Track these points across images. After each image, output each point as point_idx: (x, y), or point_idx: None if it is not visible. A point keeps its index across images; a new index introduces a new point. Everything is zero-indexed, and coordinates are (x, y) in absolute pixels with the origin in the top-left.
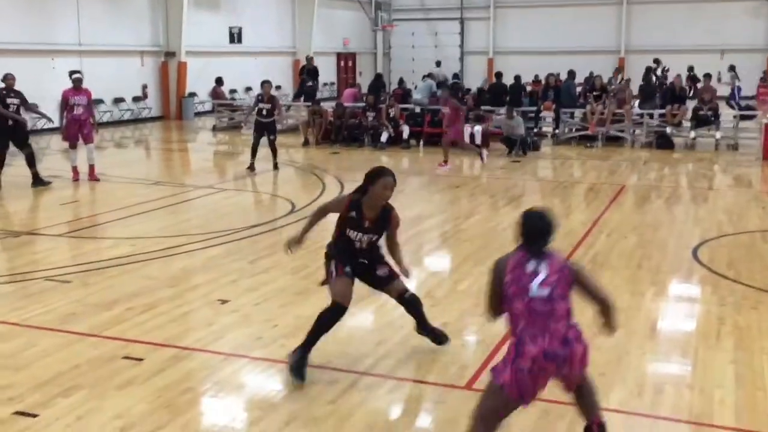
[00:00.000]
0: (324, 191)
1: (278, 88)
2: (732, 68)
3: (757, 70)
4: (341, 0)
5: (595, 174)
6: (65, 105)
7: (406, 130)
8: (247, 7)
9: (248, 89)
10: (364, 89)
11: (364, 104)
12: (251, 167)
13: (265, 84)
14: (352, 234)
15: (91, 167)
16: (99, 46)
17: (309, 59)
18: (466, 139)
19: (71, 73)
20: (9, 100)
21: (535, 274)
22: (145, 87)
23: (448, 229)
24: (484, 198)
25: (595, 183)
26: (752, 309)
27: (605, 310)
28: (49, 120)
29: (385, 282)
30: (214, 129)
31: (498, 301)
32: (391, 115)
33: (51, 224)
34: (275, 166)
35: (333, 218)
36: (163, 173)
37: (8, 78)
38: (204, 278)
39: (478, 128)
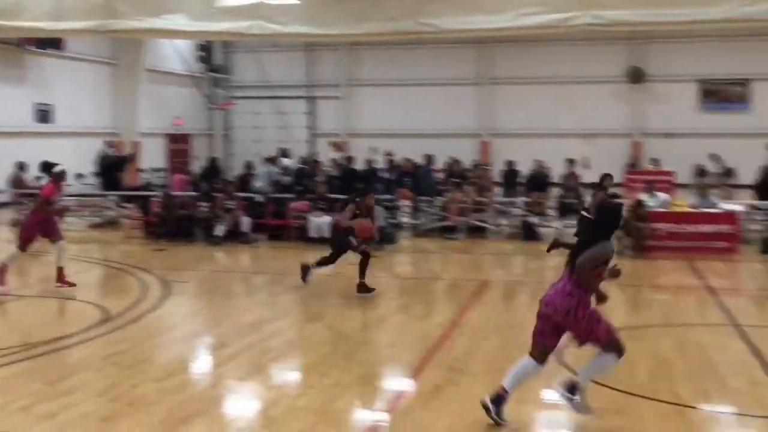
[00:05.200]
0: (146, 294)
1: (80, 176)
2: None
3: (622, 156)
4: (172, 75)
5: (456, 269)
6: None
7: (246, 222)
8: (58, 83)
9: None
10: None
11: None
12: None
13: None
14: None
15: None
16: None
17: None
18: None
19: None
20: None
21: None
22: None
23: (291, 336)
24: (333, 299)
25: (457, 279)
26: (616, 414)
27: None
28: None
29: None
30: (15, 224)
31: None
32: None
33: None
34: None
35: None
36: None
37: None
38: None
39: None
